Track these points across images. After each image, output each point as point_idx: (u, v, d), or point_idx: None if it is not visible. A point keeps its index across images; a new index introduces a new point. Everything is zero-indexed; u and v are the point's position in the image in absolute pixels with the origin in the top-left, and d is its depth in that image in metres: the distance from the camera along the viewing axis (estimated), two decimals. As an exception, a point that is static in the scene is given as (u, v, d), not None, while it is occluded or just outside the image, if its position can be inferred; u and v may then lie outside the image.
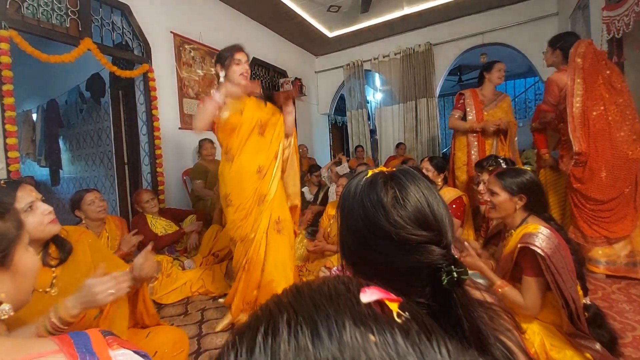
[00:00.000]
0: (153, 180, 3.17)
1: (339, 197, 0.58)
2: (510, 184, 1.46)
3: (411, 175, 0.51)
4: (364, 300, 0.23)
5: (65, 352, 0.50)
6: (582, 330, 1.28)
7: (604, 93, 2.15)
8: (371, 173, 0.53)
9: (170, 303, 2.12)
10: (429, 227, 0.46)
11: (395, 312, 0.23)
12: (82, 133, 4.51)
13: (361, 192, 0.51)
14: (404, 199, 0.47)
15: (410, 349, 0.20)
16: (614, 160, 2.16)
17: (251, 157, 1.82)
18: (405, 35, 5.32)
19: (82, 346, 0.52)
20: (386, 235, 0.46)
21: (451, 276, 0.43)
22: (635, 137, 2.11)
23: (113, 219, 2.27)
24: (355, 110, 5.85)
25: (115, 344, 0.56)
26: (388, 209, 0.47)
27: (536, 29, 4.39)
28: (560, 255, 1.29)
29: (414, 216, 0.46)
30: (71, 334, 0.54)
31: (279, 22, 4.72)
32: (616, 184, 2.16)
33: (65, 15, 2.59)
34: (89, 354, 0.51)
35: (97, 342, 0.54)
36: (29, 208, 1.05)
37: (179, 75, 3.44)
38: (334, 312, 0.22)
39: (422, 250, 0.45)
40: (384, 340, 0.20)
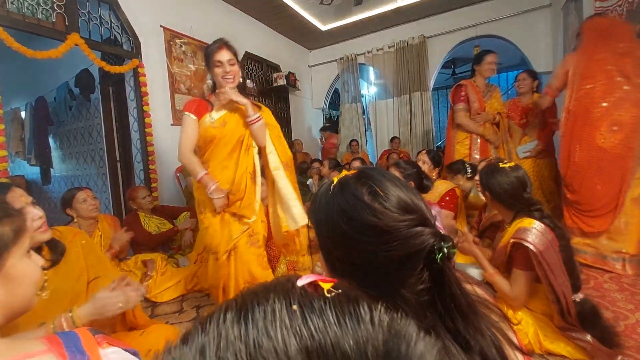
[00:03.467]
0: (146, 178, 3.13)
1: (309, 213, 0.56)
2: (480, 179, 1.57)
3: (378, 170, 0.52)
4: (299, 284, 0.27)
5: (55, 351, 0.50)
6: (572, 324, 1.30)
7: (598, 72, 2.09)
8: (336, 178, 0.53)
9: (165, 301, 2.11)
10: (412, 211, 0.46)
11: (326, 289, 0.26)
12: (72, 130, 4.44)
13: (334, 199, 0.49)
14: (382, 190, 0.47)
15: (330, 312, 0.22)
16: (576, 141, 2.19)
17: (228, 176, 1.64)
18: (398, 28, 5.29)
19: (72, 345, 0.52)
20: (375, 230, 0.45)
21: (442, 252, 0.44)
22: (616, 129, 2.06)
23: (106, 217, 2.25)
24: (349, 104, 5.83)
25: (105, 343, 0.55)
26: (369, 203, 0.46)
27: (529, 20, 4.39)
28: (553, 251, 1.31)
29: (397, 203, 0.46)
30: (60, 334, 0.54)
31: (272, 16, 4.66)
32: (585, 171, 2.16)
33: (51, 9, 2.53)
34: (79, 353, 0.51)
35: (86, 341, 0.54)
36: None
37: (170, 70, 3.39)
38: (266, 296, 0.24)
39: (414, 233, 0.44)
40: (307, 308, 0.22)
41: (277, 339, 0.20)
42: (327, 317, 0.22)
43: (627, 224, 2.08)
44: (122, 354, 0.55)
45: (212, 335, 0.21)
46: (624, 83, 2.03)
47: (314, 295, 0.25)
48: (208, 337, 0.21)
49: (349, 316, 0.22)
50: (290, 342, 0.20)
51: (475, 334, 0.43)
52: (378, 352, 0.20)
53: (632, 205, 2.07)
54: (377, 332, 0.21)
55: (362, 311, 0.23)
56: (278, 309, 0.22)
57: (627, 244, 2.08)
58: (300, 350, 0.19)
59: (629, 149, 2.04)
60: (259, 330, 0.21)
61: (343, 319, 0.22)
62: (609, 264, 2.12)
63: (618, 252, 2.10)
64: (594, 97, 2.10)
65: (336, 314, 0.22)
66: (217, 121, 1.63)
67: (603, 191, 2.12)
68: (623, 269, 2.06)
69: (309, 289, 0.26)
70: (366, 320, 0.22)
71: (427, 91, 5.12)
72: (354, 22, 5.10)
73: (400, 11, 4.83)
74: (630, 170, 2.05)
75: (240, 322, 0.22)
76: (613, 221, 2.11)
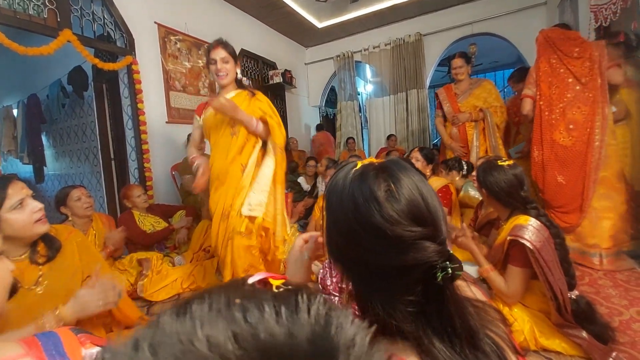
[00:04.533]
0: (141, 176, 3.10)
1: (325, 190, 0.53)
2: (478, 176, 1.56)
3: (403, 166, 0.48)
4: (250, 281, 0.27)
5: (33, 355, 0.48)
6: (569, 321, 1.31)
7: (548, 76, 2.28)
8: (361, 164, 0.50)
9: (161, 300, 2.09)
10: (424, 222, 0.44)
11: (275, 286, 0.26)
12: (65, 128, 4.39)
13: (351, 185, 0.47)
14: (398, 192, 0.44)
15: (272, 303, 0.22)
16: (542, 142, 2.30)
17: (220, 155, 1.77)
18: (395, 26, 5.28)
19: (52, 348, 0.50)
20: (379, 232, 0.43)
21: (446, 272, 0.42)
22: (572, 127, 2.18)
23: (100, 216, 2.22)
24: (346, 102, 5.82)
25: (88, 342, 0.54)
26: (382, 203, 0.43)
27: (525, 18, 4.40)
28: (549, 248, 1.31)
29: (408, 210, 0.43)
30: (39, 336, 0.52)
31: (268, 12, 4.62)
32: (546, 168, 2.27)
33: (43, 5, 2.48)
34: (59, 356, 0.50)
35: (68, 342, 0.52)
36: (19, 205, 1.03)
37: (164, 67, 3.35)
38: (211, 293, 0.24)
39: (417, 247, 0.42)
40: (248, 301, 0.22)
41: (211, 328, 0.20)
42: (265, 307, 0.22)
43: (598, 218, 2.14)
44: None
45: (149, 330, 0.21)
46: (575, 84, 2.19)
47: (260, 291, 0.25)
48: (144, 332, 0.21)
49: (286, 306, 0.22)
50: (221, 330, 0.20)
51: (476, 352, 0.42)
52: (309, 335, 0.21)
53: (601, 199, 2.12)
54: (312, 319, 0.22)
55: (300, 301, 0.23)
56: (216, 301, 0.23)
57: (600, 238, 2.13)
58: (231, 336, 0.20)
59: (587, 144, 2.15)
60: (193, 321, 0.21)
61: (279, 308, 0.22)
62: (587, 259, 2.16)
63: (594, 246, 2.14)
64: (552, 100, 2.25)
65: (274, 304, 0.22)
66: (210, 113, 1.79)
67: (567, 186, 2.21)
68: (600, 264, 2.10)
69: (258, 286, 0.27)
70: (303, 310, 0.22)
71: (424, 89, 5.13)
72: (350, 20, 5.08)
73: (396, 9, 4.82)
74: (591, 164, 2.13)
75: (178, 316, 0.22)
76: (583, 215, 2.17)
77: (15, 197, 1.02)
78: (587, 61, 2.15)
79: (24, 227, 1.04)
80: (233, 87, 1.83)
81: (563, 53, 2.23)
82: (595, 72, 2.12)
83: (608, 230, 2.12)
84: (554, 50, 2.27)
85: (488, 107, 2.76)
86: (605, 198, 2.13)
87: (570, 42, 2.23)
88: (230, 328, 0.20)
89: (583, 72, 2.16)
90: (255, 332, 0.20)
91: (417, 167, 2.45)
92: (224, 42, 1.74)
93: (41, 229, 1.09)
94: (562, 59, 2.23)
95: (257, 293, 0.25)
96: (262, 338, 0.20)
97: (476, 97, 2.81)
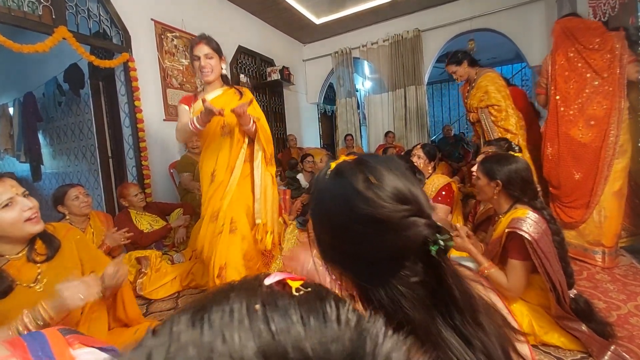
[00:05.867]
0: (139, 174, 3.09)
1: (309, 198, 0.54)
2: (489, 169, 1.49)
3: (377, 157, 0.49)
4: (267, 282, 0.26)
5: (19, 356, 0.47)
6: (568, 312, 1.31)
7: (565, 70, 2.20)
8: (334, 164, 0.51)
9: (160, 298, 2.09)
10: (408, 201, 0.44)
11: (295, 288, 0.25)
12: (62, 127, 4.36)
13: (330, 184, 0.48)
14: (378, 179, 0.45)
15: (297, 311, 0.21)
16: (558, 138, 2.23)
17: (211, 156, 1.77)
18: (393, 22, 5.25)
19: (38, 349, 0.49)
20: (369, 219, 0.43)
21: (438, 245, 0.42)
22: (593, 123, 2.12)
23: (98, 214, 2.22)
24: (344, 99, 5.80)
25: (76, 343, 0.53)
26: (364, 192, 0.44)
27: (524, 14, 4.39)
28: (547, 240, 1.31)
29: (392, 193, 0.44)
30: (25, 337, 0.51)
31: (265, 9, 4.59)
32: (561, 164, 2.22)
33: (37, 2, 2.46)
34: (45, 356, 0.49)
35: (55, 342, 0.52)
36: (7, 203, 1.00)
37: (161, 64, 3.33)
38: (227, 296, 0.23)
39: (408, 224, 0.43)
40: (270, 307, 0.21)
41: (233, 341, 0.19)
42: (291, 317, 0.21)
43: (606, 217, 2.11)
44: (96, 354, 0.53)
45: (162, 339, 0.20)
46: (594, 78, 2.12)
47: (280, 294, 0.24)
48: (158, 341, 0.20)
49: (314, 315, 0.21)
50: (247, 345, 0.18)
51: (476, 330, 0.42)
52: (343, 352, 0.19)
53: (612, 198, 2.10)
54: (344, 331, 0.21)
55: (329, 309, 0.22)
56: (237, 309, 0.21)
57: (605, 236, 2.11)
58: (258, 353, 0.18)
59: (603, 139, 2.10)
60: (213, 332, 0.20)
61: (307, 318, 0.21)
62: (589, 256, 2.16)
63: (598, 244, 2.13)
64: (570, 96, 2.19)
65: (301, 313, 0.21)
66: (198, 111, 1.69)
67: (581, 180, 2.17)
68: (603, 262, 2.10)
69: (276, 287, 0.25)
70: (332, 319, 0.21)
71: (422, 85, 5.12)
72: (348, 16, 5.05)
73: (394, 4, 4.79)
74: (603, 159, 2.09)
75: (195, 325, 0.20)
76: (590, 212, 2.15)
77: (3, 195, 0.99)
78: (608, 53, 2.07)
79: (12, 226, 1.01)
80: (219, 84, 1.79)
81: (582, 45, 2.14)
82: (615, 64, 2.04)
83: (614, 229, 2.11)
84: (572, 42, 2.17)
85: (485, 107, 2.56)
86: (617, 197, 2.10)
87: (590, 33, 2.14)
88: (256, 344, 0.19)
89: (603, 65, 2.08)
90: (284, 349, 0.19)
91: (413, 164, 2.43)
92: (207, 37, 1.70)
93: (33, 229, 1.06)
94: (581, 52, 2.14)
95: (278, 297, 0.23)
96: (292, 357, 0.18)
97: (473, 98, 2.67)
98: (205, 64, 1.67)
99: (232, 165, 1.76)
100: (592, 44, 2.13)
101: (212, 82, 1.74)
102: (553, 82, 2.25)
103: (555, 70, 2.24)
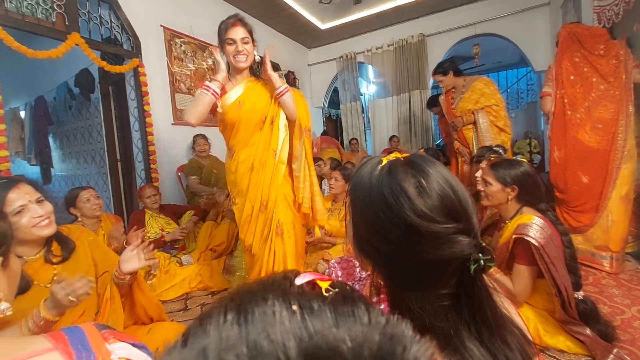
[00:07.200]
0: (147, 177, 3.14)
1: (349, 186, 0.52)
2: (504, 175, 1.49)
3: (429, 160, 0.47)
4: (297, 282, 0.26)
5: (61, 349, 0.49)
6: (573, 317, 1.32)
7: (571, 74, 2.22)
8: (386, 160, 0.49)
9: (170, 299, 2.13)
10: (457, 216, 0.43)
11: (324, 289, 0.26)
12: (72, 130, 4.44)
13: (378, 181, 0.46)
14: (428, 187, 0.43)
15: (328, 313, 0.22)
16: (565, 142, 2.25)
17: (250, 153, 1.60)
18: (398, 27, 5.30)
19: (78, 342, 0.50)
20: (413, 228, 0.42)
21: (478, 264, 0.42)
22: (600, 126, 2.13)
23: (109, 216, 2.26)
24: (349, 103, 5.84)
25: (111, 338, 0.54)
26: (413, 199, 0.43)
27: (528, 19, 4.41)
28: (553, 245, 1.33)
29: (441, 205, 0.43)
30: (65, 330, 0.53)
31: (271, 15, 4.65)
32: (568, 168, 2.22)
33: (51, 9, 2.52)
34: (85, 351, 0.50)
35: (92, 337, 0.53)
36: (20, 211, 1.04)
37: (170, 69, 3.39)
38: (264, 295, 0.24)
39: (452, 241, 0.42)
40: (304, 308, 0.22)
41: (278, 341, 0.20)
42: (326, 319, 0.22)
43: (613, 222, 2.12)
44: (129, 349, 0.54)
45: (213, 337, 0.21)
46: (599, 82, 2.15)
47: (312, 295, 0.25)
48: (209, 339, 0.21)
49: (346, 317, 0.22)
50: (289, 345, 0.20)
51: (502, 347, 0.42)
52: (373, 354, 0.20)
53: (619, 202, 2.10)
54: (373, 333, 0.21)
55: (360, 312, 0.23)
56: (278, 311, 0.22)
57: (612, 241, 2.11)
58: (299, 352, 0.19)
59: (612, 143, 2.11)
60: (259, 332, 0.21)
61: (341, 319, 0.22)
62: (597, 261, 2.15)
63: (606, 249, 2.13)
64: (576, 100, 2.21)
65: (335, 315, 0.22)
66: (233, 104, 1.55)
67: (590, 184, 2.18)
68: (611, 267, 2.09)
69: (306, 288, 0.26)
70: (363, 322, 0.22)
71: (427, 89, 5.14)
72: (353, 21, 5.10)
73: (399, 9, 4.83)
74: (612, 162, 2.10)
75: (240, 323, 0.22)
76: (599, 215, 2.15)
77: (16, 203, 1.03)
78: (613, 59, 2.12)
79: (22, 232, 1.05)
80: (246, 74, 1.62)
81: (588, 50, 2.18)
82: (621, 70, 2.09)
83: (621, 233, 2.11)
84: (578, 47, 2.21)
85: (482, 108, 2.68)
86: (624, 201, 2.10)
87: (595, 39, 2.18)
88: (297, 344, 0.20)
89: (609, 70, 2.12)
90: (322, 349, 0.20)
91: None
92: (242, 19, 1.50)
93: (43, 232, 1.09)
94: (587, 57, 2.18)
95: (311, 298, 0.24)
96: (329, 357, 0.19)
97: (466, 101, 2.76)
98: (242, 49, 1.48)
99: (276, 148, 1.61)
100: (598, 50, 2.17)
101: (242, 71, 1.58)
102: (560, 85, 2.26)
103: (561, 74, 2.26)
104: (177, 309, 2.02)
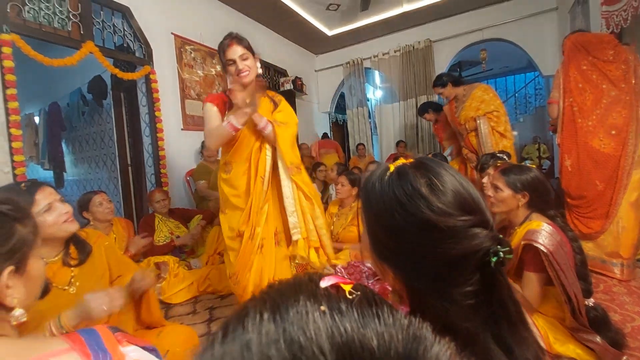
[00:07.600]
0: (157, 182, 3.19)
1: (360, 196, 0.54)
2: (515, 180, 1.48)
3: (436, 161, 0.49)
4: (322, 285, 0.28)
5: (78, 350, 0.50)
6: (583, 325, 1.31)
7: (579, 83, 2.20)
8: (394, 166, 0.50)
9: (179, 302, 2.16)
10: (472, 210, 0.44)
11: (347, 291, 0.27)
12: (84, 135, 4.54)
13: (390, 186, 0.47)
14: (441, 185, 0.45)
15: (355, 314, 0.24)
16: (577, 149, 2.22)
17: (244, 172, 1.61)
18: (404, 33, 5.32)
19: (94, 344, 0.52)
20: (430, 225, 0.43)
21: (498, 256, 0.42)
22: (614, 132, 2.11)
23: (120, 220, 2.31)
24: (355, 108, 5.87)
25: (124, 340, 0.56)
26: (427, 197, 0.44)
27: (536, 24, 4.40)
28: (563, 252, 1.32)
29: (455, 200, 0.44)
30: (81, 332, 0.54)
31: (279, 21, 4.72)
32: (582, 175, 2.20)
33: (67, 18, 2.61)
34: (102, 352, 0.51)
35: (107, 339, 0.54)
36: (47, 209, 1.09)
37: (180, 76, 3.46)
38: (294, 296, 0.26)
39: (470, 234, 0.43)
40: (333, 309, 0.24)
41: (312, 337, 0.21)
42: (354, 319, 0.23)
43: (623, 228, 2.09)
44: (141, 352, 0.56)
45: (253, 333, 0.23)
46: (610, 89, 2.13)
47: (338, 297, 0.26)
48: (250, 334, 0.23)
49: (372, 318, 0.23)
50: (323, 340, 0.21)
51: (521, 343, 0.43)
52: (399, 353, 0.21)
53: (629, 208, 2.08)
54: (398, 333, 0.22)
55: (384, 314, 0.24)
56: (310, 311, 0.24)
57: (622, 247, 2.09)
58: (333, 348, 0.21)
59: (622, 148, 2.10)
60: (295, 329, 0.22)
61: (367, 320, 0.23)
62: (608, 268, 2.13)
63: (616, 256, 2.10)
64: (586, 107, 2.19)
65: (362, 315, 0.24)
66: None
67: (602, 190, 2.15)
68: (622, 274, 2.07)
69: (331, 290, 0.27)
70: (388, 323, 0.23)
71: (433, 95, 5.13)
72: (360, 27, 5.14)
73: (406, 16, 4.86)
74: (622, 168, 2.08)
75: (276, 321, 0.23)
76: (609, 221, 2.13)
77: (43, 202, 1.08)
78: (622, 64, 2.11)
79: (52, 227, 1.10)
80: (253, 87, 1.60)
81: (596, 57, 2.17)
82: (630, 75, 2.08)
83: (631, 240, 2.08)
84: (584, 55, 2.21)
85: (483, 114, 2.72)
86: (634, 208, 2.08)
87: (603, 45, 2.17)
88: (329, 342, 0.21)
89: (619, 75, 2.11)
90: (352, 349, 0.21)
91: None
92: (237, 35, 1.52)
93: (71, 228, 1.15)
94: (596, 64, 2.17)
95: (338, 300, 0.25)
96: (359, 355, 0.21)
97: (468, 109, 2.81)
98: (242, 67, 1.50)
99: (263, 175, 1.62)
100: (606, 55, 2.16)
101: (248, 85, 1.56)
102: (568, 94, 2.25)
103: (569, 82, 2.24)
104: (186, 312, 2.05)
